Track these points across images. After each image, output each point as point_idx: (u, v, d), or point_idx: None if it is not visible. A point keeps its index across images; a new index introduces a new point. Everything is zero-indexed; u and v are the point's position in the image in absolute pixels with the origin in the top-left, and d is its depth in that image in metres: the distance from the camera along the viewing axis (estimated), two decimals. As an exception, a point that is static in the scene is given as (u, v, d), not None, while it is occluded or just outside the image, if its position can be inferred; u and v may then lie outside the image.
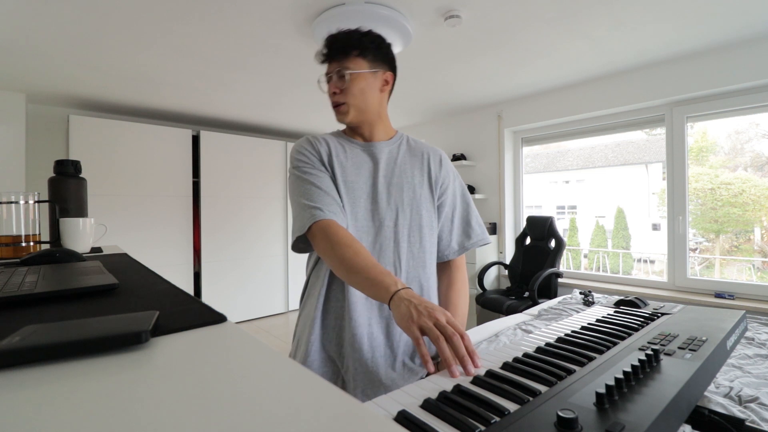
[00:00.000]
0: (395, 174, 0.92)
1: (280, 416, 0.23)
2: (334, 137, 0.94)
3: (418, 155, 0.96)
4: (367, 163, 0.92)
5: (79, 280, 0.62)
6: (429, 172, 0.95)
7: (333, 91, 0.89)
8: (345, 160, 0.90)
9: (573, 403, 0.42)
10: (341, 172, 0.89)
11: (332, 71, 0.89)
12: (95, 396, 0.25)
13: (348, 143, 0.94)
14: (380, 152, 0.93)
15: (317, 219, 0.80)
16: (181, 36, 2.15)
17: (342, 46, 0.88)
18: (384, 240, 0.88)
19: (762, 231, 3.46)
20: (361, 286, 0.73)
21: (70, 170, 1.28)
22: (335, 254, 0.75)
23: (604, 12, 1.94)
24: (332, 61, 0.89)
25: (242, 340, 0.36)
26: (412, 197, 0.91)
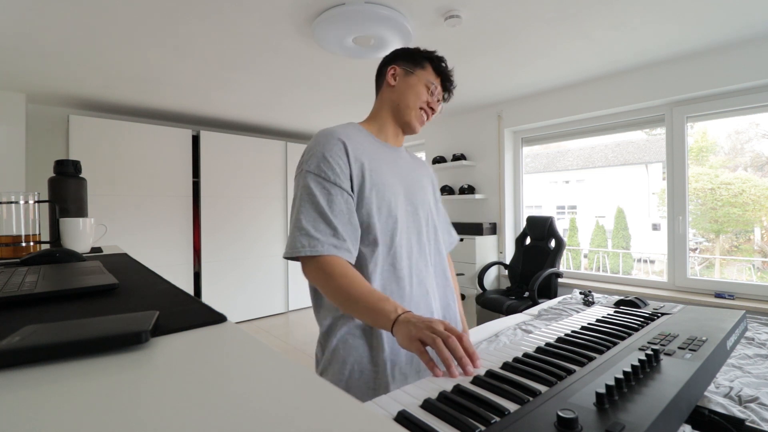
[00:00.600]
0: (416, 178, 1.00)
1: (280, 416, 0.23)
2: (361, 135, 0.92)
3: (420, 163, 1.07)
4: (399, 165, 0.97)
5: (79, 280, 0.62)
6: (432, 181, 1.09)
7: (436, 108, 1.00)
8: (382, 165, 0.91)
9: (573, 403, 0.42)
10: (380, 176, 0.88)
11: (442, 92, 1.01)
12: (95, 396, 0.25)
13: (379, 144, 0.96)
14: (404, 158, 1.01)
15: (314, 255, 0.76)
16: (181, 36, 2.15)
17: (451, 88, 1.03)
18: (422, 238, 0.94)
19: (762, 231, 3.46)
20: (361, 314, 0.73)
21: (70, 170, 1.28)
22: (330, 285, 0.75)
23: (604, 12, 1.94)
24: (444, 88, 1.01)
25: (242, 340, 0.36)
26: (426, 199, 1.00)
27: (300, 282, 4.51)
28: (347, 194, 0.82)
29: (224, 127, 4.36)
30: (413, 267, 0.90)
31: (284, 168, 4.47)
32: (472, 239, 3.42)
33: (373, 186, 0.85)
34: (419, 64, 0.98)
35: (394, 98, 0.98)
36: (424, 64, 0.98)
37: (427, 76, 0.97)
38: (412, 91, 0.96)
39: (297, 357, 3.08)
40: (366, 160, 0.86)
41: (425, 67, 0.98)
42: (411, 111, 0.96)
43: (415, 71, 0.97)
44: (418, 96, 0.96)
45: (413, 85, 0.97)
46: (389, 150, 0.97)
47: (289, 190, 4.48)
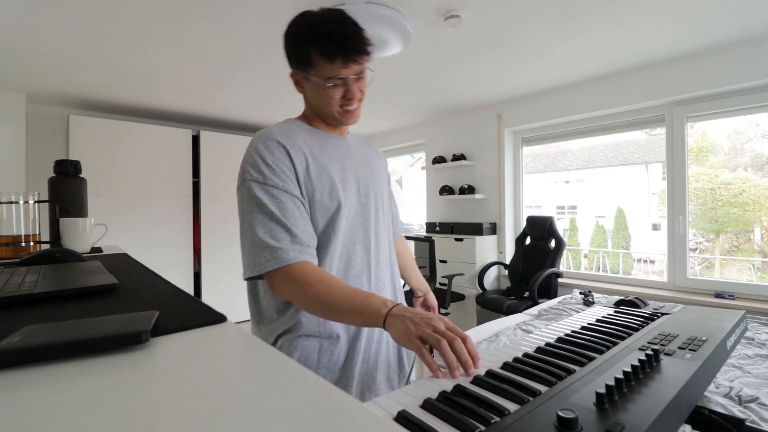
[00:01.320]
0: (364, 166, 0.92)
1: (281, 416, 0.23)
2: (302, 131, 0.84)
3: (371, 148, 1.01)
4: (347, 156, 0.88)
5: (79, 280, 0.62)
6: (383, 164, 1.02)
7: (356, 97, 0.81)
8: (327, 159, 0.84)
9: (573, 403, 0.42)
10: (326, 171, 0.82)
11: (352, 74, 0.78)
12: (95, 396, 0.25)
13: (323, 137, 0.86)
14: (351, 145, 0.93)
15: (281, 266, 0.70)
16: (181, 36, 2.15)
17: (360, 46, 0.77)
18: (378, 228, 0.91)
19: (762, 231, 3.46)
20: (347, 317, 0.68)
21: (70, 170, 1.28)
22: (307, 293, 0.69)
23: (604, 12, 1.94)
24: (349, 63, 0.76)
25: (242, 340, 0.36)
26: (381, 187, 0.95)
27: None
28: (297, 199, 0.76)
29: (224, 127, 4.36)
30: (370, 262, 0.86)
31: (284, 168, 4.46)
32: (472, 239, 3.41)
33: (322, 184, 0.80)
34: (307, 62, 0.78)
35: (312, 103, 0.86)
36: (312, 59, 0.77)
37: (322, 72, 0.77)
38: (319, 98, 0.81)
39: (297, 357, 3.08)
40: (311, 159, 0.80)
41: (314, 63, 0.77)
42: (332, 116, 0.83)
43: (308, 74, 0.79)
44: (327, 101, 0.80)
45: (316, 91, 0.81)
46: (333, 139, 0.88)
47: (289, 190, 4.48)
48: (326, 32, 0.74)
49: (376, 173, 0.94)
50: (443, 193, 3.93)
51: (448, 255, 3.64)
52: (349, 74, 0.78)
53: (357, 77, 0.80)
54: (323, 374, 0.79)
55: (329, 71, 0.77)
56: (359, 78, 0.80)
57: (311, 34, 0.76)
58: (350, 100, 0.80)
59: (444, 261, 3.66)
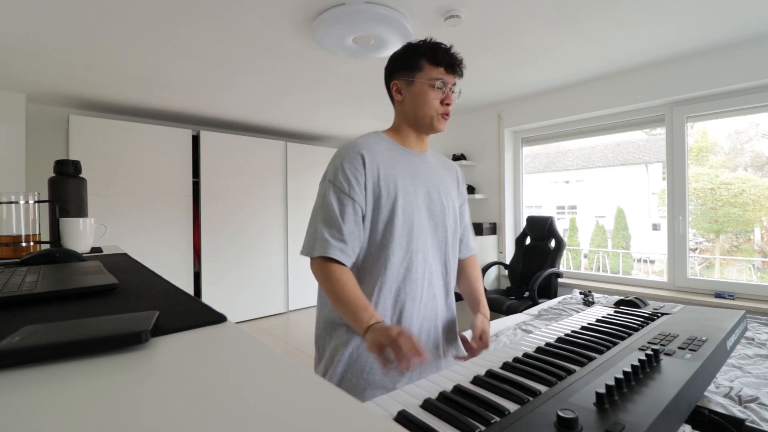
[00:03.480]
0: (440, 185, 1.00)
1: (280, 416, 0.23)
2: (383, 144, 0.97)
3: (452, 171, 1.08)
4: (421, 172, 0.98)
5: (79, 280, 0.62)
6: (458, 186, 1.09)
7: (452, 102, 0.96)
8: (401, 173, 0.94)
9: (573, 403, 0.42)
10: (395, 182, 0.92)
11: (450, 83, 0.95)
12: (95, 396, 0.25)
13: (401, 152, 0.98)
14: (428, 162, 1.02)
15: (322, 254, 0.87)
16: (181, 36, 2.15)
17: (460, 65, 0.96)
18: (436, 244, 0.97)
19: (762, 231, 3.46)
20: (345, 315, 0.86)
21: (70, 170, 1.28)
22: (326, 286, 0.87)
23: (604, 12, 1.94)
24: (450, 72, 0.95)
25: (242, 340, 0.36)
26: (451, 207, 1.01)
27: (300, 282, 4.51)
28: (358, 206, 0.90)
29: (224, 127, 4.36)
30: (427, 271, 0.94)
31: (284, 168, 4.47)
32: (472, 239, 3.41)
33: (389, 194, 0.91)
34: (416, 67, 0.94)
35: (408, 111, 0.97)
36: (421, 64, 0.94)
37: (429, 74, 0.93)
38: (421, 99, 0.94)
39: (297, 357, 3.08)
40: (384, 169, 0.92)
41: (423, 67, 0.94)
42: (429, 119, 0.95)
43: (415, 78, 0.94)
44: (429, 102, 0.94)
45: (419, 93, 0.94)
46: (412, 156, 0.98)
47: (289, 190, 4.49)
48: (437, 46, 0.95)
49: (448, 191, 1.02)
50: (443, 193, 3.92)
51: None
52: (449, 81, 0.95)
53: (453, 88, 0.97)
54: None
55: (435, 73, 0.94)
56: (452, 92, 0.97)
57: (425, 46, 0.95)
58: (448, 105, 0.95)
59: (444, 261, 3.65)
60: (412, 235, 0.92)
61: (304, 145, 4.66)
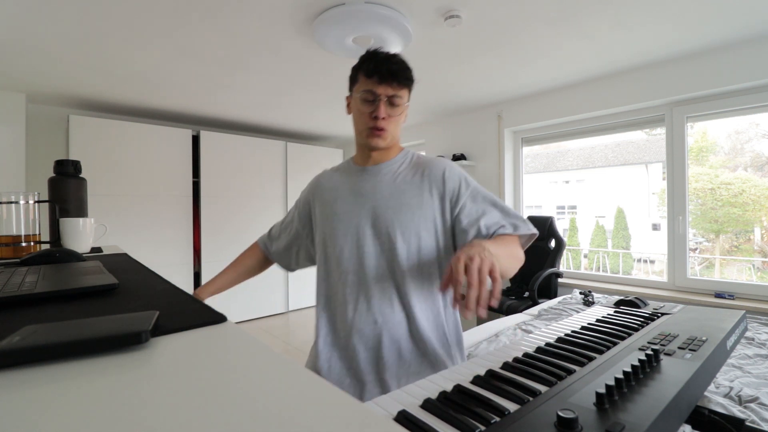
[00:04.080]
0: (393, 196, 0.90)
1: (280, 416, 0.23)
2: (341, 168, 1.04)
3: (419, 173, 0.93)
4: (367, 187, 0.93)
5: (79, 280, 0.62)
6: (430, 190, 0.90)
7: (381, 115, 0.88)
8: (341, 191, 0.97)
9: (573, 403, 0.42)
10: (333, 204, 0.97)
11: (382, 94, 0.87)
12: (95, 396, 0.25)
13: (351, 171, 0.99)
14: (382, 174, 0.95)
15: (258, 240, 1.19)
16: (181, 36, 2.15)
17: (398, 73, 0.88)
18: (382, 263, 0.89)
19: (762, 231, 3.46)
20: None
21: (70, 170, 1.28)
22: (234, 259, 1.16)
23: (604, 12, 1.94)
24: (383, 83, 0.87)
25: (242, 340, 0.36)
26: (410, 219, 0.88)
27: (300, 282, 4.51)
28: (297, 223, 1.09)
29: (224, 127, 4.36)
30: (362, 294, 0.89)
31: (284, 168, 4.47)
32: (472, 239, 3.41)
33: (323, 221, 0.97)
34: (354, 80, 0.92)
35: (354, 125, 0.96)
36: (358, 77, 0.91)
37: (361, 87, 0.89)
38: (355, 114, 0.93)
39: (297, 357, 3.08)
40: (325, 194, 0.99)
41: (359, 80, 0.90)
42: (362, 134, 0.92)
43: (353, 91, 0.93)
44: (359, 116, 0.91)
45: (354, 107, 0.93)
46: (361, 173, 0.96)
47: (290, 190, 4.49)
48: (372, 55, 0.90)
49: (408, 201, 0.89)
50: (443, 193, 3.92)
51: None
52: (381, 92, 0.87)
53: (389, 100, 0.88)
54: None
55: (366, 85, 0.89)
56: (391, 103, 0.89)
57: (363, 58, 0.91)
58: (375, 118, 0.88)
59: (444, 261, 3.66)
60: (342, 258, 0.91)
61: (304, 145, 4.66)
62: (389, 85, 0.87)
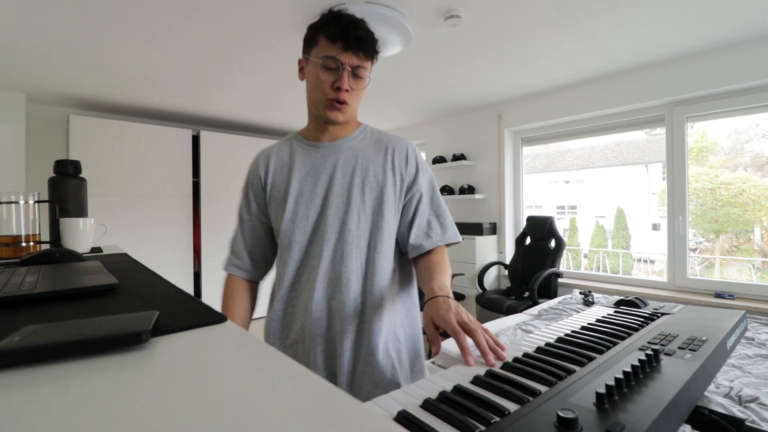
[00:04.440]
0: (356, 173, 0.85)
1: (280, 416, 0.23)
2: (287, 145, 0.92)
3: (382, 150, 0.88)
4: (326, 165, 0.86)
5: (79, 280, 0.62)
6: (393, 168, 0.87)
7: (345, 87, 0.79)
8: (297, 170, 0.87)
9: (573, 403, 0.42)
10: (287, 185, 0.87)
11: (347, 63, 0.78)
12: (95, 396, 0.25)
13: (304, 148, 0.89)
14: (341, 151, 0.87)
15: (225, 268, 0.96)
16: (181, 36, 2.15)
17: (365, 42, 0.79)
18: (345, 246, 0.83)
19: (762, 231, 3.46)
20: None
21: (70, 170, 1.28)
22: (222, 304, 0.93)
23: (604, 12, 1.94)
24: (348, 51, 0.78)
25: (242, 340, 0.36)
26: (374, 198, 0.85)
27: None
28: (255, 218, 0.93)
29: (224, 127, 4.36)
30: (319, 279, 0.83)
31: (284, 168, 4.47)
32: (472, 239, 3.41)
33: (278, 201, 0.88)
34: (313, 43, 0.81)
35: (307, 93, 0.87)
36: (317, 39, 0.80)
37: (322, 51, 0.79)
38: (311, 81, 0.83)
39: (297, 357, 3.08)
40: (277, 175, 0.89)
41: (318, 43, 0.80)
42: (319, 105, 0.83)
43: (311, 54, 0.82)
44: (317, 85, 0.81)
45: (310, 73, 0.82)
46: (316, 150, 0.88)
47: (289, 190, 4.48)
48: (337, 17, 0.80)
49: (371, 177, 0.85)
50: (443, 193, 3.93)
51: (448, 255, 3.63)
52: (346, 61, 0.78)
53: (353, 71, 0.80)
54: None
55: (327, 50, 0.79)
56: (355, 75, 0.81)
57: (324, 18, 0.81)
58: (339, 89, 0.79)
59: (444, 261, 3.66)
60: (304, 241, 0.85)
61: (304, 145, 4.66)
62: (355, 54, 0.79)
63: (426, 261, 0.87)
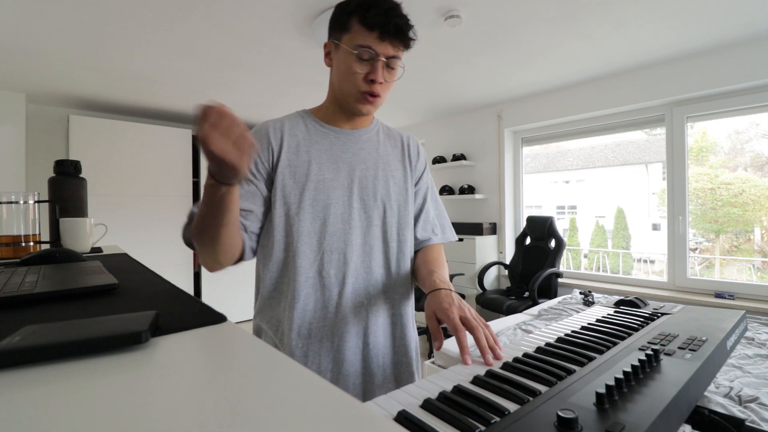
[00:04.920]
0: (380, 166, 0.84)
1: (280, 416, 0.23)
2: (300, 122, 0.83)
3: (398, 144, 0.89)
4: (348, 154, 0.82)
5: (79, 280, 0.62)
6: (409, 160, 0.89)
7: (379, 80, 0.74)
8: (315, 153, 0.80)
9: (573, 403, 0.42)
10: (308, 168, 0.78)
11: (382, 54, 0.73)
12: (95, 396, 0.25)
13: (322, 131, 0.83)
14: (362, 141, 0.85)
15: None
16: (180, 36, 2.15)
17: (404, 30, 0.74)
18: (373, 240, 0.81)
19: (762, 231, 3.46)
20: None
21: (70, 170, 1.28)
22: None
23: (604, 12, 1.94)
24: (385, 41, 0.73)
25: (242, 340, 0.36)
26: (398, 192, 0.85)
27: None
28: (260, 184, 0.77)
29: (224, 127, 4.36)
30: (350, 274, 0.78)
31: (284, 168, 4.47)
32: (472, 239, 3.41)
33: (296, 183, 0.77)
34: (344, 27, 0.75)
35: (334, 80, 0.81)
36: (350, 24, 0.74)
37: (356, 39, 0.73)
38: (343, 70, 0.76)
39: (297, 357, 3.08)
40: (293, 154, 0.78)
41: (350, 29, 0.74)
42: (349, 96, 0.77)
43: (341, 41, 0.75)
44: (350, 75, 0.75)
45: (342, 61, 0.76)
46: (337, 135, 0.83)
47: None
48: (374, 2, 0.73)
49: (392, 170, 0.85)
50: (443, 193, 3.93)
51: (448, 255, 3.64)
52: (382, 52, 0.73)
53: (387, 62, 0.75)
54: None
55: (363, 39, 0.72)
56: (389, 66, 0.76)
57: (355, 7, 0.74)
58: (373, 82, 0.74)
59: (444, 261, 3.66)
60: (326, 231, 0.78)
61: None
62: (392, 44, 0.73)
63: (424, 255, 0.88)
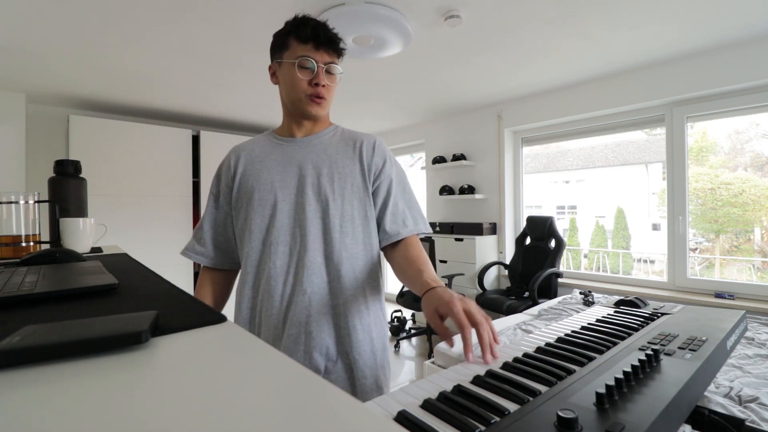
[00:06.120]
0: (326, 164, 0.90)
1: (280, 416, 0.23)
2: (261, 140, 0.97)
3: (350, 144, 0.94)
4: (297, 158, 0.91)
5: (79, 280, 0.62)
6: (361, 160, 0.92)
7: (322, 83, 0.87)
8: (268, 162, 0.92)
9: (573, 403, 0.42)
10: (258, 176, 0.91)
11: (320, 61, 0.86)
12: (95, 396, 0.25)
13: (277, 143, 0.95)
14: (313, 145, 0.93)
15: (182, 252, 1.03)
16: (181, 36, 2.15)
17: (334, 40, 0.88)
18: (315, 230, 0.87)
19: (762, 231, 3.46)
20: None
21: (70, 170, 1.28)
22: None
23: (604, 12, 1.94)
24: (320, 50, 0.86)
25: (242, 340, 0.36)
26: (343, 186, 0.89)
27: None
28: (222, 208, 0.99)
29: (224, 127, 4.36)
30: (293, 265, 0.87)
31: (284, 168, 4.46)
32: (472, 239, 3.41)
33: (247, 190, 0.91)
34: (284, 46, 0.88)
35: (283, 94, 0.93)
36: (288, 42, 0.88)
37: (295, 52, 0.86)
38: (289, 81, 0.88)
39: (297, 357, 3.08)
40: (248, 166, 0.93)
41: (290, 46, 0.87)
42: (298, 103, 0.89)
43: (283, 58, 0.89)
44: (295, 84, 0.87)
45: (287, 74, 0.88)
46: (288, 144, 0.93)
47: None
48: (304, 21, 0.88)
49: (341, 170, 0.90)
50: (443, 193, 3.93)
51: (448, 255, 3.64)
52: (320, 59, 0.86)
53: (326, 68, 0.88)
54: None
55: (301, 51, 0.86)
56: (328, 71, 0.89)
57: (292, 23, 0.89)
58: (316, 85, 0.87)
59: (444, 261, 3.66)
60: (273, 227, 0.87)
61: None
62: (326, 52, 0.88)
63: (405, 254, 0.89)
